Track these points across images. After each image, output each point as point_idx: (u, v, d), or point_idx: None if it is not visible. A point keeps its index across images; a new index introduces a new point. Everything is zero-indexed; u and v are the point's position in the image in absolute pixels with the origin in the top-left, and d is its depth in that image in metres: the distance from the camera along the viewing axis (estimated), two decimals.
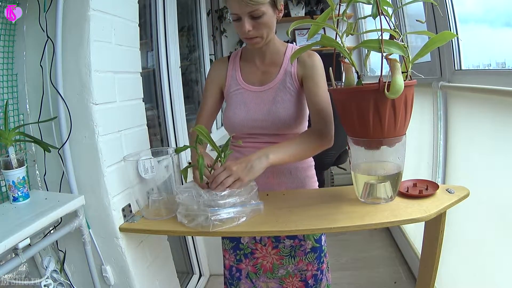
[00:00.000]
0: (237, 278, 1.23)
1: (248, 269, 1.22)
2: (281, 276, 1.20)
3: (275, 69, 1.13)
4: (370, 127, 0.83)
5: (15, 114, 1.03)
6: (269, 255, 1.19)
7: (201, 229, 0.90)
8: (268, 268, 1.20)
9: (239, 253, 1.21)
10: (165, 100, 1.93)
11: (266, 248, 1.19)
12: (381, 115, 0.80)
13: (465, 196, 0.95)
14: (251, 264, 1.21)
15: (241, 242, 1.20)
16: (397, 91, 0.75)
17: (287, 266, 1.19)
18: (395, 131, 0.83)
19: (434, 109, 1.60)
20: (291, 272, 1.20)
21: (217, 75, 1.18)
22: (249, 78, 1.15)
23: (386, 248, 2.40)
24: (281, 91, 1.11)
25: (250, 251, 1.20)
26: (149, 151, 1.14)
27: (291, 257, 1.19)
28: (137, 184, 1.04)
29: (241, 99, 1.14)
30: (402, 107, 0.81)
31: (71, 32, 0.98)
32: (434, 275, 1.05)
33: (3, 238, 0.74)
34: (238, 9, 0.97)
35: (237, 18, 0.99)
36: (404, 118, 0.83)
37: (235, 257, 1.22)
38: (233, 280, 1.24)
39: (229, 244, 1.22)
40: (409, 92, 0.81)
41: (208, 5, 2.89)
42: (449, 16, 1.47)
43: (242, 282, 1.23)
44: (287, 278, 1.20)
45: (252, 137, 1.15)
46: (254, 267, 1.21)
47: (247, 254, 1.20)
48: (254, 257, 1.20)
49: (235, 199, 0.92)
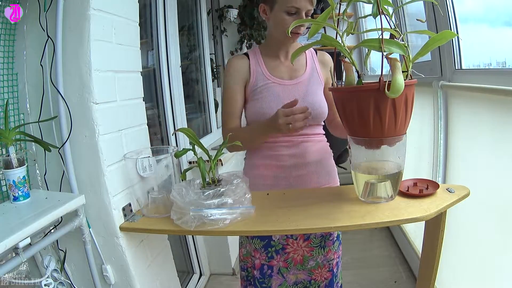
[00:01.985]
0: (268, 275, 1.23)
1: (279, 265, 1.22)
2: (310, 267, 1.23)
3: (300, 64, 1.22)
4: (371, 127, 0.83)
5: (15, 113, 1.03)
6: (300, 248, 1.21)
7: (186, 227, 0.91)
8: (298, 261, 1.22)
9: (270, 250, 1.21)
10: (166, 99, 1.93)
11: (297, 241, 1.20)
12: (382, 114, 0.80)
13: (465, 196, 0.94)
14: (282, 259, 1.22)
15: (273, 239, 1.20)
16: (398, 91, 0.74)
17: (316, 257, 1.22)
18: (395, 131, 0.83)
19: (435, 108, 1.60)
20: (320, 263, 1.23)
21: (240, 72, 1.19)
22: (276, 73, 1.19)
23: (387, 247, 2.40)
24: (311, 85, 1.19)
25: (282, 247, 1.20)
26: (149, 149, 1.14)
27: (321, 248, 1.21)
28: (137, 183, 1.04)
29: (272, 92, 1.16)
30: (403, 107, 0.81)
31: (72, 31, 0.98)
32: (434, 275, 1.05)
33: (4, 237, 0.74)
34: (303, 5, 1.05)
35: (295, 12, 1.07)
36: (404, 117, 0.83)
37: (267, 254, 1.22)
38: (264, 278, 1.24)
39: (260, 243, 1.22)
40: (409, 91, 0.81)
41: (209, 5, 2.89)
42: (450, 15, 1.47)
43: (273, 279, 1.24)
44: (316, 269, 1.23)
45: None
46: (285, 262, 1.22)
47: (278, 250, 1.21)
48: (285, 252, 1.21)
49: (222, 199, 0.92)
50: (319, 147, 1.22)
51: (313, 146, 1.20)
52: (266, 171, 1.19)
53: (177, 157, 1.03)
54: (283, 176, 1.18)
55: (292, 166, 1.18)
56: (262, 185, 1.19)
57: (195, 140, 0.99)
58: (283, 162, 1.17)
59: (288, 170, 1.18)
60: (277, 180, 1.19)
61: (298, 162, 1.17)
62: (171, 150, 1.07)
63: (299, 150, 1.17)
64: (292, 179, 1.18)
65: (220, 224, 0.90)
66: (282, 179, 1.18)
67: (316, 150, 1.20)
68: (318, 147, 1.21)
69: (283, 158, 1.17)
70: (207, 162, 1.02)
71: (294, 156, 1.17)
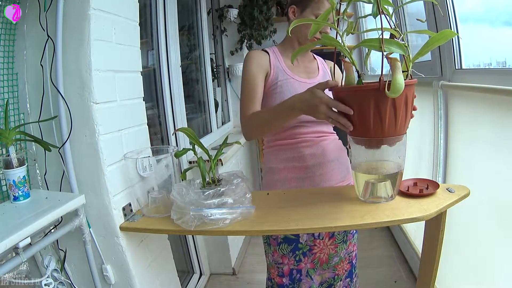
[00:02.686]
0: (298, 280, 1.24)
1: (307, 267, 1.23)
2: (334, 264, 1.24)
3: (313, 68, 1.28)
4: (371, 126, 0.83)
5: (15, 113, 1.03)
6: (326, 246, 1.22)
7: (186, 227, 0.91)
8: (324, 260, 1.23)
9: (298, 253, 1.21)
10: (166, 99, 1.93)
11: (323, 240, 1.21)
12: (382, 114, 0.80)
13: (465, 196, 0.94)
14: (309, 261, 1.22)
15: (300, 242, 1.20)
16: (398, 91, 0.74)
17: (340, 252, 1.23)
18: (395, 130, 0.83)
19: (435, 108, 1.60)
20: (343, 257, 1.24)
21: (261, 63, 1.20)
22: (295, 71, 1.21)
23: (387, 247, 2.40)
24: None
25: (309, 248, 1.21)
26: (149, 149, 1.14)
27: (344, 243, 1.23)
28: (137, 183, 1.04)
29: (292, 87, 1.17)
30: (403, 106, 0.80)
31: (72, 31, 0.98)
32: (434, 274, 1.05)
33: (4, 237, 0.74)
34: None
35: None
36: (404, 117, 0.83)
37: (295, 258, 1.22)
38: (294, 284, 1.24)
39: (288, 248, 1.21)
40: (409, 91, 0.81)
41: (209, 4, 2.88)
42: (450, 15, 1.47)
43: (303, 282, 1.24)
44: (339, 264, 1.25)
45: (303, 126, 1.19)
46: (312, 263, 1.23)
47: (305, 252, 1.21)
48: (312, 253, 1.21)
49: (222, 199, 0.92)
50: (336, 144, 1.24)
51: (331, 143, 1.22)
52: (290, 174, 1.20)
53: (177, 157, 1.03)
54: (308, 176, 1.19)
55: (315, 165, 1.18)
56: (286, 188, 1.19)
57: (195, 140, 1.00)
58: (307, 162, 1.18)
59: (312, 169, 1.18)
60: (301, 181, 1.19)
61: (321, 161, 1.19)
62: (171, 150, 1.07)
63: (319, 149, 1.19)
64: (316, 178, 1.19)
65: (220, 224, 0.90)
66: (307, 180, 1.19)
67: (334, 147, 1.23)
68: (335, 145, 1.24)
69: (306, 159, 1.18)
70: (207, 162, 1.02)
71: (315, 155, 1.18)
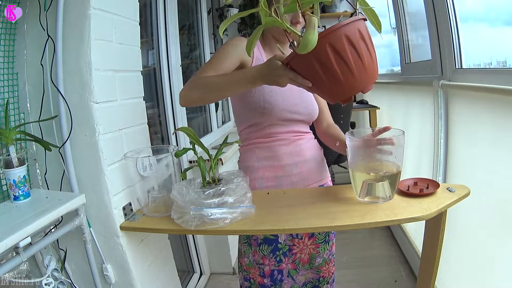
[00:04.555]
0: (279, 280, 1.23)
1: (288, 267, 1.23)
2: (318, 265, 1.24)
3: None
4: (339, 76, 0.76)
5: (15, 113, 1.03)
6: (306, 246, 1.22)
7: (186, 227, 0.91)
8: (306, 260, 1.23)
9: (278, 254, 1.21)
10: (166, 98, 1.93)
11: (303, 240, 1.21)
12: (343, 56, 0.75)
13: (465, 195, 0.94)
14: (290, 261, 1.22)
15: (279, 242, 1.20)
16: (305, 46, 0.71)
17: (322, 253, 1.23)
18: (366, 72, 0.78)
19: (435, 108, 1.60)
20: (327, 259, 1.24)
21: (240, 51, 1.08)
22: None
23: (387, 246, 2.41)
24: None
25: (288, 248, 1.21)
26: (150, 149, 1.14)
27: (325, 243, 1.23)
28: (138, 182, 1.04)
29: None
30: (347, 48, 0.75)
31: (72, 30, 0.97)
32: (434, 274, 1.05)
33: (4, 237, 0.74)
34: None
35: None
36: (370, 55, 0.77)
37: (275, 259, 1.21)
38: (275, 284, 1.24)
39: (268, 249, 1.21)
40: (358, 28, 0.75)
41: (209, 4, 2.89)
42: (450, 14, 1.47)
43: (284, 283, 1.24)
44: (323, 266, 1.24)
45: (279, 125, 1.16)
46: (294, 263, 1.22)
47: (285, 253, 1.21)
48: (293, 253, 1.21)
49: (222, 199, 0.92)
50: (312, 144, 1.24)
51: (307, 143, 1.22)
52: (267, 172, 1.19)
53: (178, 156, 1.03)
54: (285, 176, 1.18)
55: (292, 164, 1.18)
56: (264, 187, 1.19)
57: (195, 139, 0.99)
58: (283, 161, 1.18)
59: (289, 168, 1.18)
60: (279, 180, 1.19)
61: (297, 160, 1.18)
62: (171, 149, 1.07)
63: (296, 148, 1.18)
64: (294, 177, 1.18)
65: (221, 223, 0.90)
66: (284, 179, 1.18)
67: (311, 147, 1.23)
68: (311, 144, 1.24)
69: (282, 158, 1.18)
70: (207, 161, 1.02)
71: (292, 154, 1.18)
